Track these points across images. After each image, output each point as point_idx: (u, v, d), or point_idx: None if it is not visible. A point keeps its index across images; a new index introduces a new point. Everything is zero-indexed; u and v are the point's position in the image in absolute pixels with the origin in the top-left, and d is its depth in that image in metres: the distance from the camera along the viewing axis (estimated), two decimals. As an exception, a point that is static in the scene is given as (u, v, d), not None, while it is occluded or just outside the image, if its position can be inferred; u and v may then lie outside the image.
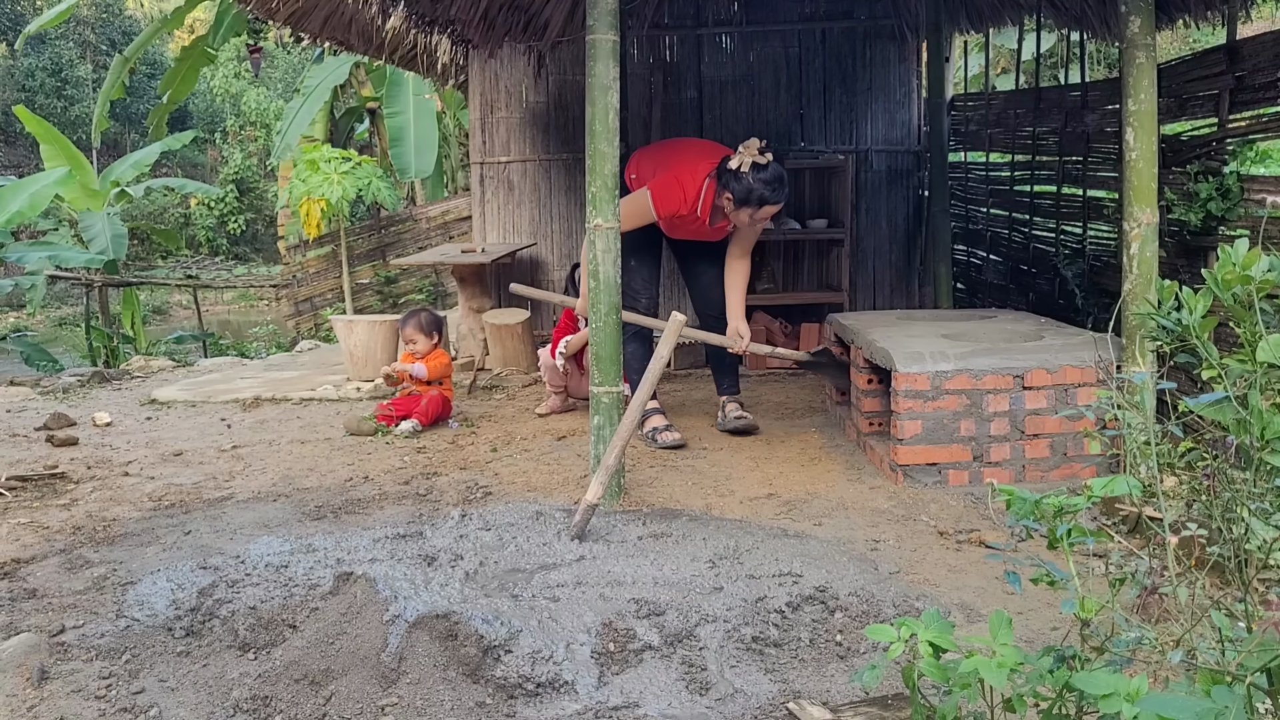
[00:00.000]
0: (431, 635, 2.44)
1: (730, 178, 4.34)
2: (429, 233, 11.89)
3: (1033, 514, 1.61)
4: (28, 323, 16.30)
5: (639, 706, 2.28)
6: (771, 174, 4.32)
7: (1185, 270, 4.42)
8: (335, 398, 5.91)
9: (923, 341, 3.96)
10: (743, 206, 4.36)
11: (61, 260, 10.62)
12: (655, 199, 4.46)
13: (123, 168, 12.38)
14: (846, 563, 2.98)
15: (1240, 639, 1.42)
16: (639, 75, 6.88)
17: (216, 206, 22.19)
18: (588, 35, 3.64)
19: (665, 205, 4.46)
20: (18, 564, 3.21)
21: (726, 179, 4.36)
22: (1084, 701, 1.46)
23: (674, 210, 4.47)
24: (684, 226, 4.61)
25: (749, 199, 4.33)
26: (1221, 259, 1.68)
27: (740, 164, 4.31)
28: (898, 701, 2.11)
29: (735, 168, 4.32)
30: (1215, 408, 1.65)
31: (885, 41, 6.98)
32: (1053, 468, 3.83)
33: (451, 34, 6.12)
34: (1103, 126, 5.27)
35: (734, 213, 4.41)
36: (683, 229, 4.65)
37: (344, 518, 3.61)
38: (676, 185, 4.46)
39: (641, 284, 4.71)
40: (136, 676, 2.50)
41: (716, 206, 4.49)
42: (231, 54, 21.45)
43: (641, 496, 3.76)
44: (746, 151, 4.33)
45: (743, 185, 4.31)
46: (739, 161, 4.32)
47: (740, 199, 4.34)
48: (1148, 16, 3.66)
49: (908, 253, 7.15)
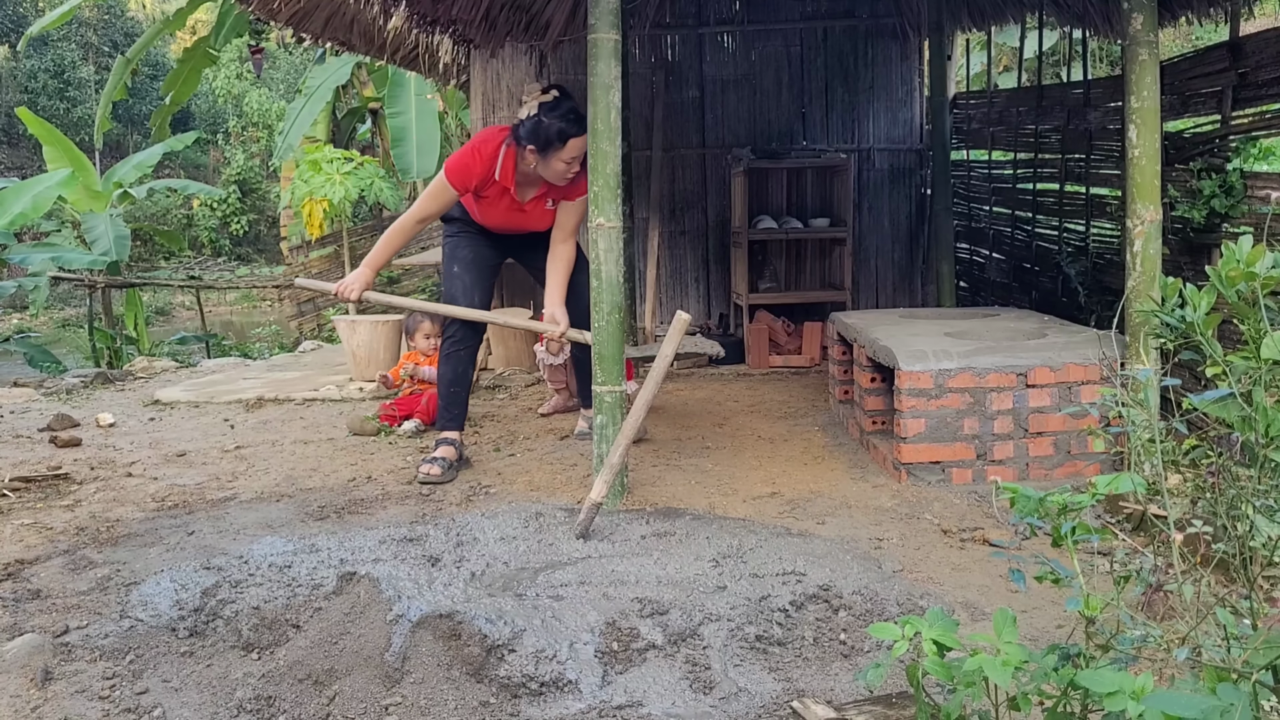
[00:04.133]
0: (435, 635, 2.44)
1: (522, 128, 3.98)
2: (431, 232, 11.90)
3: (1037, 512, 1.61)
4: (31, 324, 16.33)
5: (643, 706, 2.28)
6: (566, 107, 3.97)
7: (1189, 267, 4.42)
8: (338, 398, 5.92)
9: (926, 340, 3.96)
10: (547, 150, 3.96)
11: (64, 262, 10.64)
12: (450, 171, 4.09)
13: (125, 169, 12.41)
14: (850, 561, 2.98)
15: (1246, 636, 1.41)
16: (641, 74, 6.88)
17: (219, 207, 22.22)
18: (589, 34, 3.64)
19: (461, 175, 4.09)
20: (21, 565, 3.22)
21: (520, 131, 3.99)
22: (1089, 699, 1.45)
23: (472, 177, 4.09)
24: (493, 207, 4.23)
25: (550, 138, 3.94)
26: (1225, 256, 1.67)
27: (528, 111, 3.98)
28: (902, 700, 2.11)
29: (524, 116, 3.99)
30: (1220, 405, 1.65)
31: (887, 40, 6.98)
32: (1056, 466, 3.82)
33: (453, 34, 6.12)
34: (1105, 124, 5.26)
35: (542, 165, 4.01)
36: (493, 213, 4.25)
37: (347, 518, 3.62)
38: (471, 153, 4.09)
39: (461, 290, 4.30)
40: (140, 677, 2.51)
41: (524, 176, 4.12)
42: (233, 55, 21.47)
43: (645, 496, 3.76)
44: (530, 98, 4.01)
45: (539, 127, 3.93)
46: (526, 110, 3.99)
47: (542, 144, 3.95)
48: (1150, 13, 3.65)
49: (910, 251, 7.14)
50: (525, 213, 4.25)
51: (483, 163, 4.08)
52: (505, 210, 4.23)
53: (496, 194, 4.18)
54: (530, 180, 4.16)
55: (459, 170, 4.09)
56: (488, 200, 4.21)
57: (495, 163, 4.07)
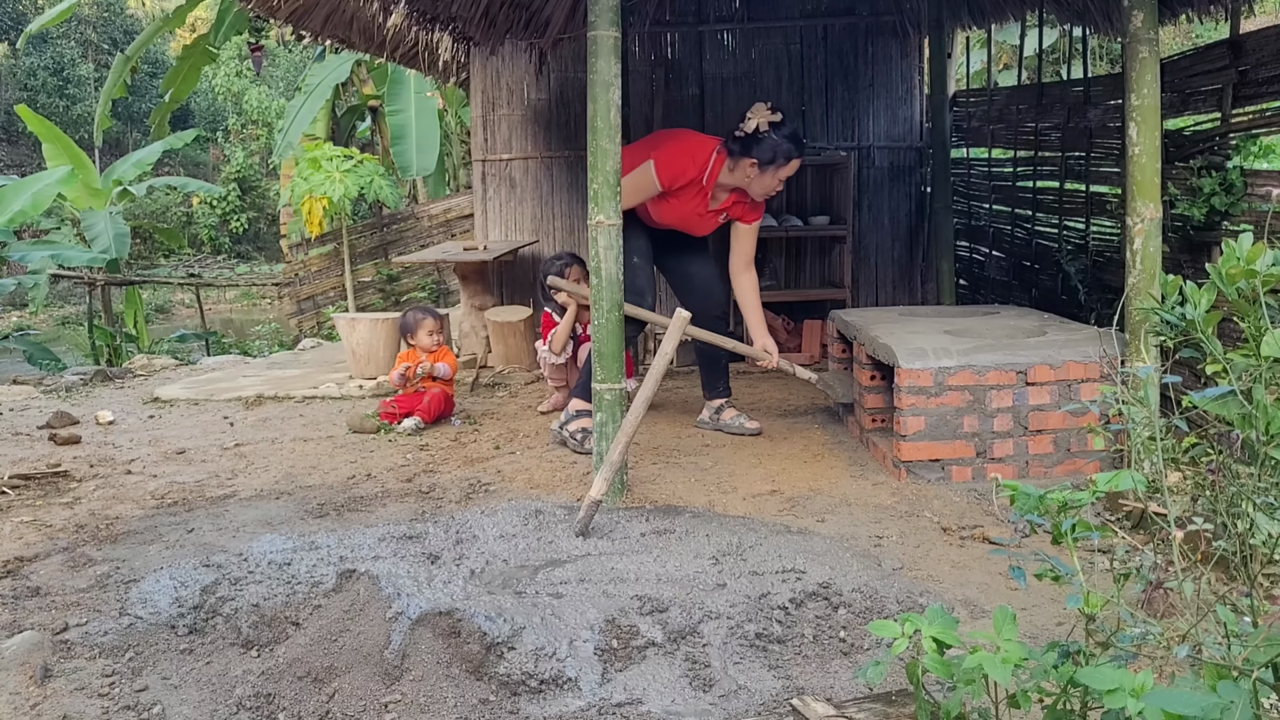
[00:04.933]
0: (434, 632, 2.44)
1: (749, 141, 4.32)
2: (431, 230, 11.90)
3: (1037, 509, 1.61)
4: (30, 322, 16.32)
5: (642, 703, 2.28)
6: (790, 129, 4.35)
7: (1188, 265, 4.41)
8: (338, 395, 5.92)
9: (925, 338, 3.96)
10: (769, 166, 4.33)
11: (64, 259, 10.63)
12: (660, 167, 4.38)
13: (125, 167, 12.40)
14: (850, 559, 2.98)
15: (1246, 634, 1.41)
16: (641, 72, 6.88)
17: (219, 205, 22.20)
18: (589, 32, 3.63)
19: (671, 172, 4.38)
20: (21, 562, 3.22)
21: (745, 144, 4.32)
22: (1089, 697, 1.45)
23: (681, 177, 4.39)
24: (680, 206, 4.51)
25: (775, 156, 4.31)
26: (1226, 253, 1.67)
27: (757, 125, 4.30)
28: (902, 697, 2.11)
29: (752, 130, 4.30)
30: (1220, 402, 1.65)
31: (887, 38, 6.97)
32: (1056, 463, 3.82)
33: (453, 31, 6.12)
34: (1105, 122, 5.25)
35: (759, 178, 4.36)
36: (676, 210, 4.53)
37: (347, 515, 3.62)
38: (686, 153, 4.41)
39: (646, 281, 4.64)
40: (140, 674, 2.51)
41: (720, 186, 4.45)
42: (233, 52, 21.44)
43: (644, 493, 3.76)
44: (756, 115, 4.32)
45: (766, 144, 4.30)
46: (754, 124, 4.30)
47: (766, 159, 4.31)
48: (1150, 11, 3.64)
49: (910, 249, 7.14)
50: (701, 217, 4.57)
51: (696, 167, 4.40)
52: (687, 212, 4.54)
53: (690, 195, 4.47)
54: (722, 191, 4.51)
55: (671, 169, 4.39)
56: (676, 200, 4.49)
57: (706, 168, 4.40)
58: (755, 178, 4.38)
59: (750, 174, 4.37)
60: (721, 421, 4.73)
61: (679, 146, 4.45)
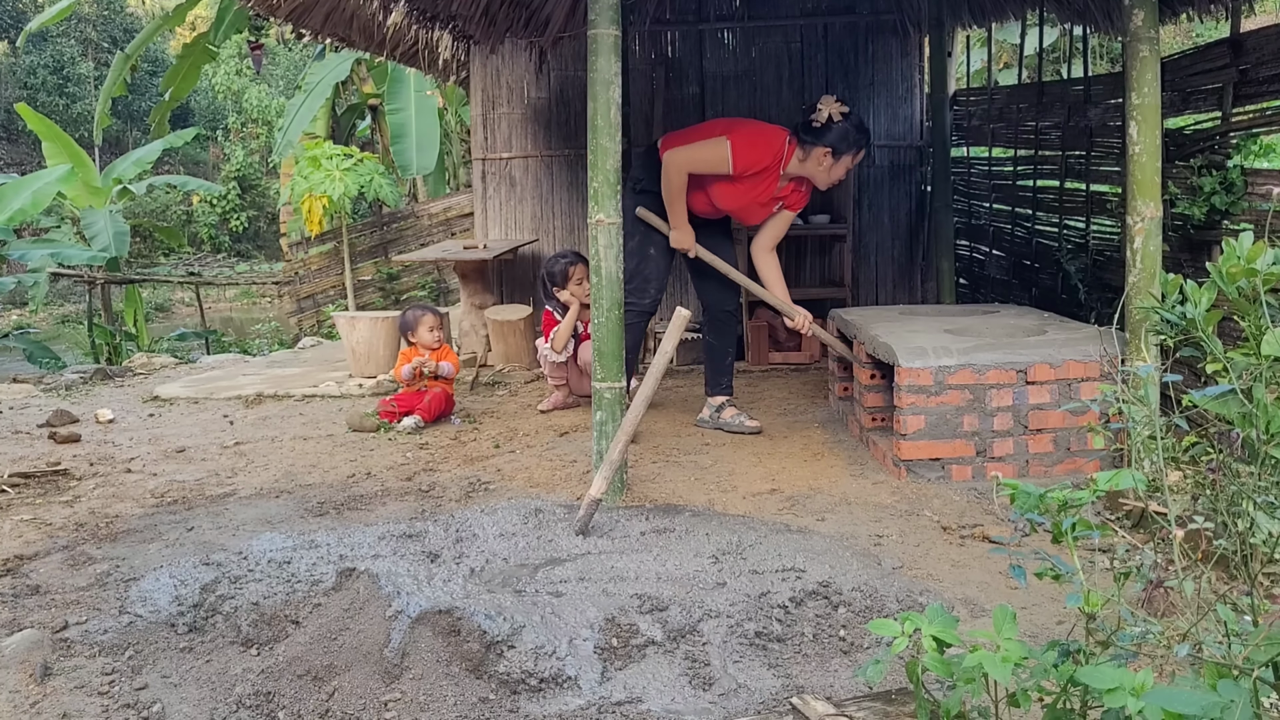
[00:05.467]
0: (434, 631, 2.44)
1: (823, 130, 4.41)
2: (431, 229, 11.89)
3: (1037, 508, 1.60)
4: (30, 320, 16.31)
5: (642, 702, 2.28)
6: (857, 119, 4.46)
7: (1189, 265, 4.41)
8: (338, 394, 5.91)
9: (925, 337, 3.96)
10: (843, 155, 4.44)
11: (64, 258, 10.63)
12: (737, 149, 4.43)
13: (125, 165, 12.39)
14: (849, 558, 2.98)
15: (1246, 633, 1.41)
16: (641, 71, 6.87)
17: (219, 204, 22.18)
18: (589, 30, 3.63)
19: (748, 157, 4.44)
20: (21, 560, 3.22)
21: (818, 134, 4.41)
22: (1089, 696, 1.45)
23: (757, 164, 4.46)
24: (748, 192, 4.56)
25: (846, 144, 4.42)
26: (1226, 252, 1.67)
27: (830, 114, 4.40)
28: (901, 696, 2.10)
29: (826, 120, 4.40)
30: (1220, 401, 1.65)
31: (887, 36, 6.97)
32: (1056, 463, 3.82)
33: (453, 30, 6.11)
34: (1105, 121, 5.25)
35: (833, 166, 4.47)
36: (742, 197, 4.58)
37: (346, 514, 3.61)
38: (763, 141, 4.48)
39: (654, 272, 4.69)
40: (139, 673, 2.51)
41: (784, 174, 4.53)
42: (233, 51, 21.42)
43: (644, 492, 3.76)
44: (826, 105, 4.42)
45: (838, 132, 4.40)
46: (826, 114, 4.40)
47: (839, 147, 4.42)
48: (1151, 10, 3.64)
49: (910, 248, 7.13)
50: (761, 205, 4.64)
51: (771, 154, 4.48)
52: (751, 200, 4.62)
53: (761, 182, 4.54)
54: (786, 179, 4.59)
55: (747, 154, 4.45)
56: (744, 185, 4.54)
57: (781, 155, 4.49)
58: (829, 166, 4.48)
59: (824, 162, 4.46)
60: (722, 420, 4.73)
61: (756, 133, 4.52)
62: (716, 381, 4.85)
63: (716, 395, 4.83)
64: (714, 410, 4.79)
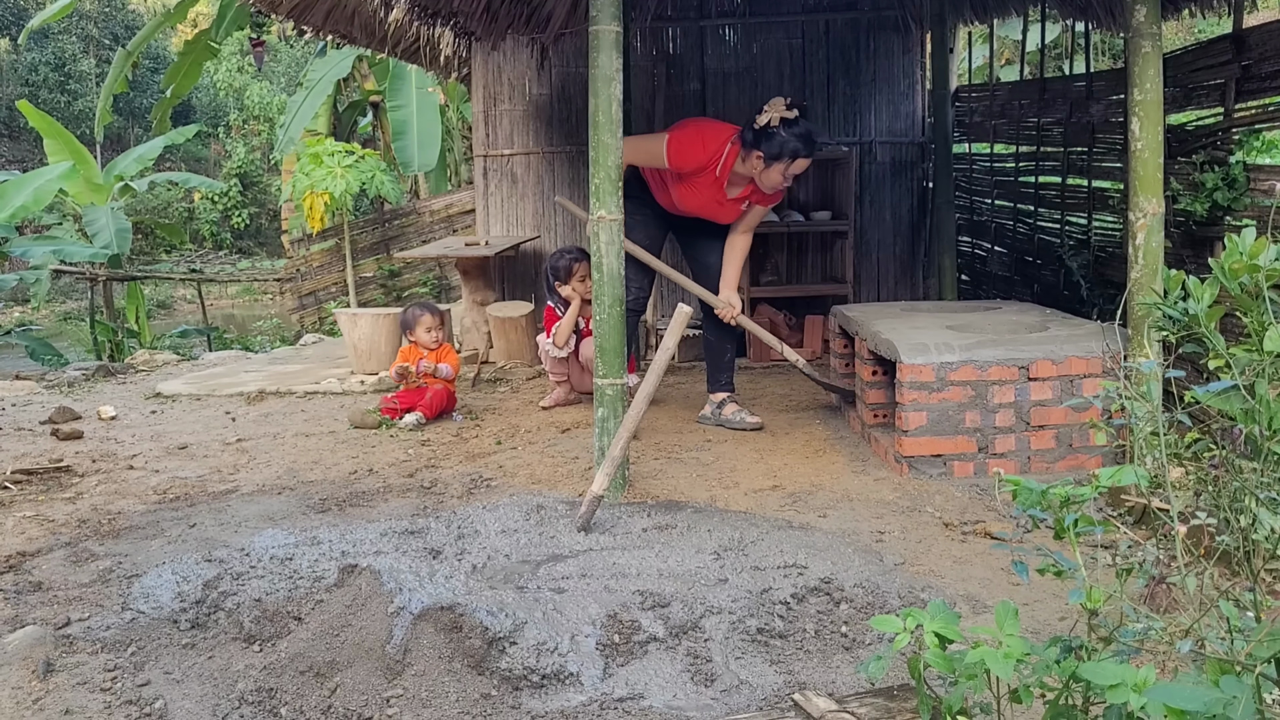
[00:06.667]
0: (436, 627, 2.44)
1: (759, 135, 4.29)
2: (432, 226, 11.90)
3: (1039, 504, 1.60)
4: (32, 317, 16.32)
5: (644, 698, 2.28)
6: (802, 127, 4.31)
7: (1191, 260, 4.41)
8: (339, 391, 5.92)
9: (927, 333, 3.95)
10: (775, 162, 4.30)
11: (65, 255, 10.64)
12: (672, 146, 4.37)
13: (126, 162, 12.39)
14: (851, 554, 2.97)
15: (1249, 629, 1.41)
16: (642, 67, 6.87)
17: (220, 201, 22.18)
18: (590, 27, 3.62)
19: (681, 156, 4.37)
20: (23, 557, 3.22)
21: (755, 138, 4.30)
22: (1091, 692, 1.45)
23: (691, 162, 4.38)
24: (698, 193, 4.50)
25: (782, 152, 4.28)
26: (1229, 248, 1.67)
27: (769, 120, 4.28)
28: (903, 692, 2.10)
29: (764, 124, 4.28)
30: (1222, 397, 1.64)
31: (889, 33, 6.96)
32: (1058, 459, 3.82)
33: (454, 26, 6.10)
34: (1108, 117, 5.24)
35: (764, 171, 4.33)
36: (695, 197, 4.53)
37: (348, 510, 3.62)
38: (699, 139, 4.40)
39: (633, 270, 4.51)
40: (142, 669, 2.51)
41: (736, 175, 4.42)
42: (234, 48, 21.41)
43: (646, 489, 3.76)
44: (772, 109, 4.30)
45: (775, 141, 4.27)
46: (767, 118, 4.28)
47: (772, 154, 4.29)
48: (1153, 6, 3.63)
49: (912, 245, 7.13)
50: (722, 206, 4.55)
51: (706, 153, 4.37)
52: (706, 200, 4.52)
53: (705, 183, 4.45)
54: (739, 180, 4.47)
55: (682, 152, 4.38)
56: (692, 186, 4.49)
57: (719, 157, 4.37)
58: (761, 171, 4.36)
59: (756, 167, 4.35)
60: (723, 416, 4.73)
61: (694, 132, 4.46)
62: (718, 378, 4.83)
63: (718, 392, 4.82)
64: (715, 407, 4.78)
